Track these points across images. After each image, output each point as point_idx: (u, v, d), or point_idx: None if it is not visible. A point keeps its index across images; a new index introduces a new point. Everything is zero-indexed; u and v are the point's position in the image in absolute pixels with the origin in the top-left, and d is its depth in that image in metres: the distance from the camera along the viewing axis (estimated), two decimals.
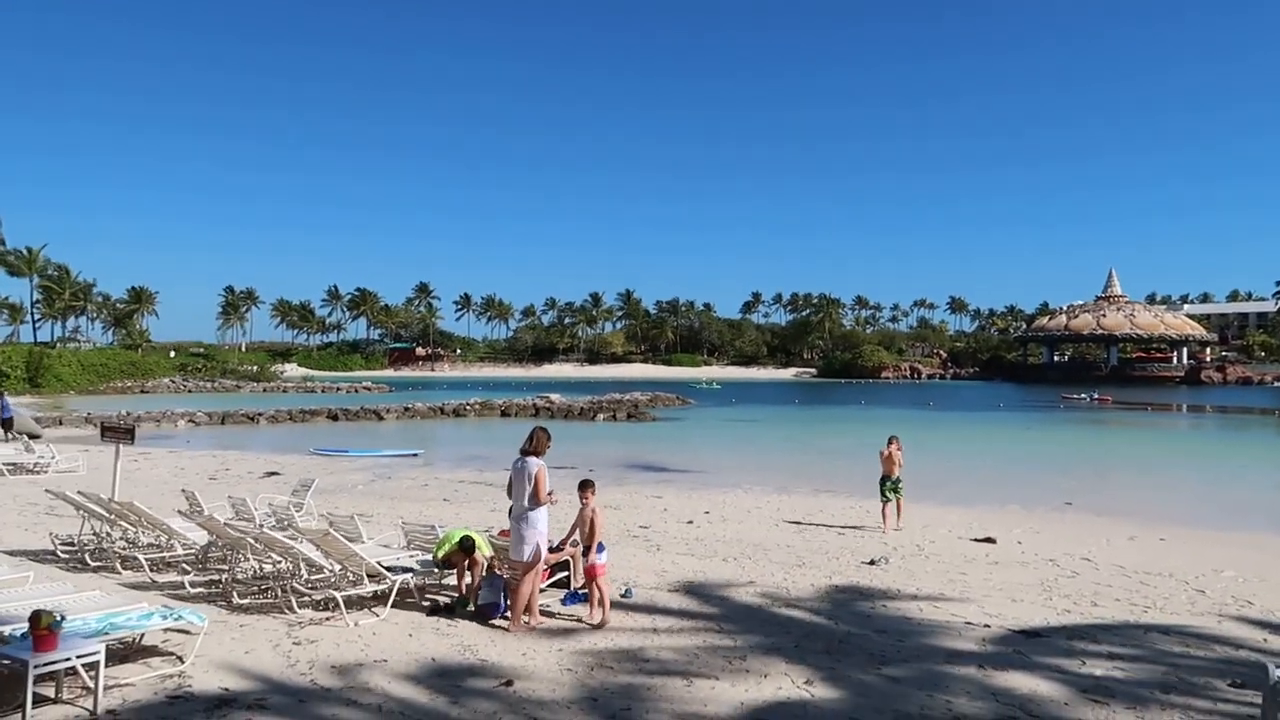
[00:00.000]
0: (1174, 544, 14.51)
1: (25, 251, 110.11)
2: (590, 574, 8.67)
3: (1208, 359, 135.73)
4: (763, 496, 19.63)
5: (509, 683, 6.88)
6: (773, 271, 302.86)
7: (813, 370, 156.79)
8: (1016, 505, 18.96)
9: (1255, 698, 6.50)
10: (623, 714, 6.30)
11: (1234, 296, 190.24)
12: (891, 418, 51.45)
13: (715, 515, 16.53)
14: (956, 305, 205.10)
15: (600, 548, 8.68)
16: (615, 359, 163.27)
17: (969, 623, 9.16)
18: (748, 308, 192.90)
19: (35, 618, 5.76)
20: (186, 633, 7.58)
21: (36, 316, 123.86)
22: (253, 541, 9.33)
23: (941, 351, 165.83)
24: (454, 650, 7.72)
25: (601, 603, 8.68)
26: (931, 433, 39.72)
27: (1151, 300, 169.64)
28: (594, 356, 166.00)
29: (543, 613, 8.87)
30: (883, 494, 15.59)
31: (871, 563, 12.23)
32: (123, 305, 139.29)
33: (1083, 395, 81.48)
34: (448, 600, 9.30)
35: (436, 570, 9.63)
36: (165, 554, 10.66)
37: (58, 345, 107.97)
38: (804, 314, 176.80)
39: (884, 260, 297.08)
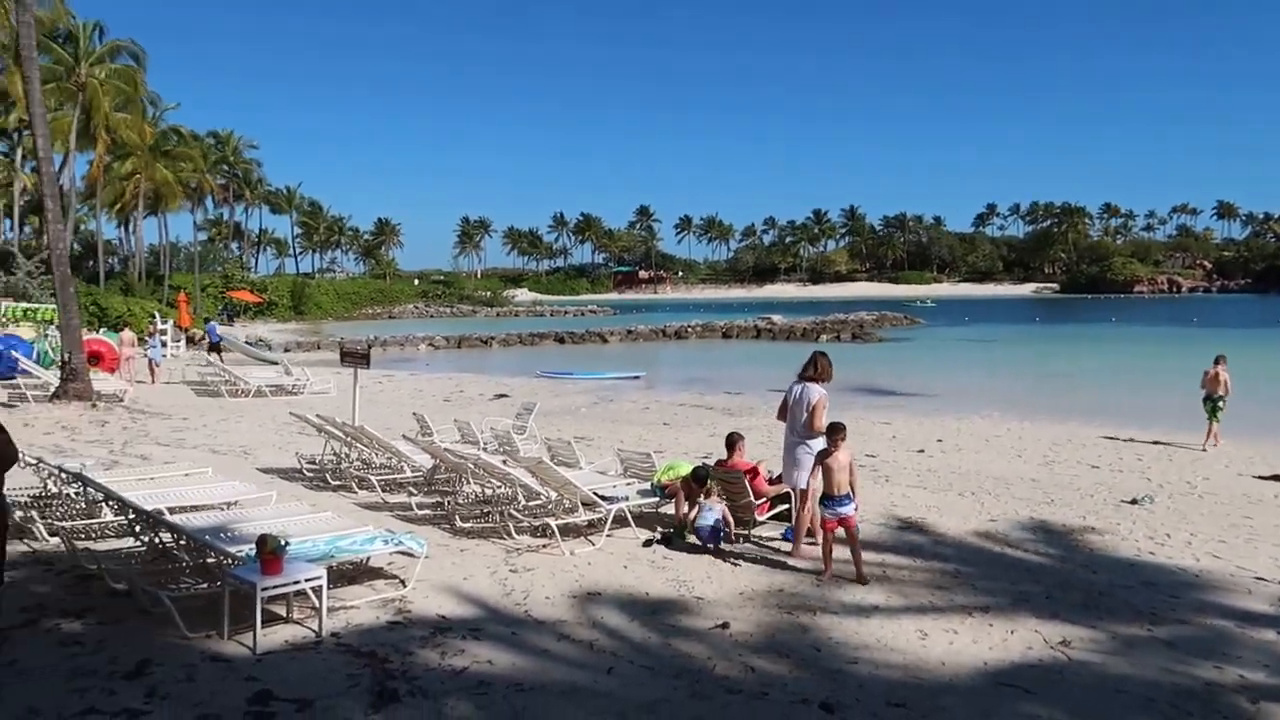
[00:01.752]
0: None
1: (285, 190, 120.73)
2: (849, 526, 7.59)
3: None
4: (1001, 424, 18.15)
5: (725, 625, 6.47)
6: (1008, 181, 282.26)
7: (1054, 286, 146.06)
8: None
9: None
10: (849, 668, 5.74)
11: None
12: (1149, 335, 46.78)
13: (949, 444, 15.40)
14: (1225, 210, 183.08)
15: (848, 499, 7.63)
16: (839, 278, 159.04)
17: (1260, 578, 7.84)
18: (981, 220, 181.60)
19: (261, 542, 5.90)
20: (411, 555, 7.70)
21: (298, 250, 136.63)
22: (472, 467, 9.42)
23: (1205, 262, 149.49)
24: (669, 585, 7.40)
25: (828, 555, 7.70)
26: (1195, 352, 35.62)
27: None
28: (816, 276, 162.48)
29: (762, 548, 8.40)
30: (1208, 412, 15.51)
31: (1133, 501, 10.86)
32: (371, 237, 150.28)
33: None
34: (664, 530, 9.03)
35: (655, 498, 9.39)
36: (396, 476, 11.08)
37: (317, 276, 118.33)
38: (1044, 225, 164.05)
39: (1139, 161, 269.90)
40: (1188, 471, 13.01)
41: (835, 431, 7.79)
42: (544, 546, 8.43)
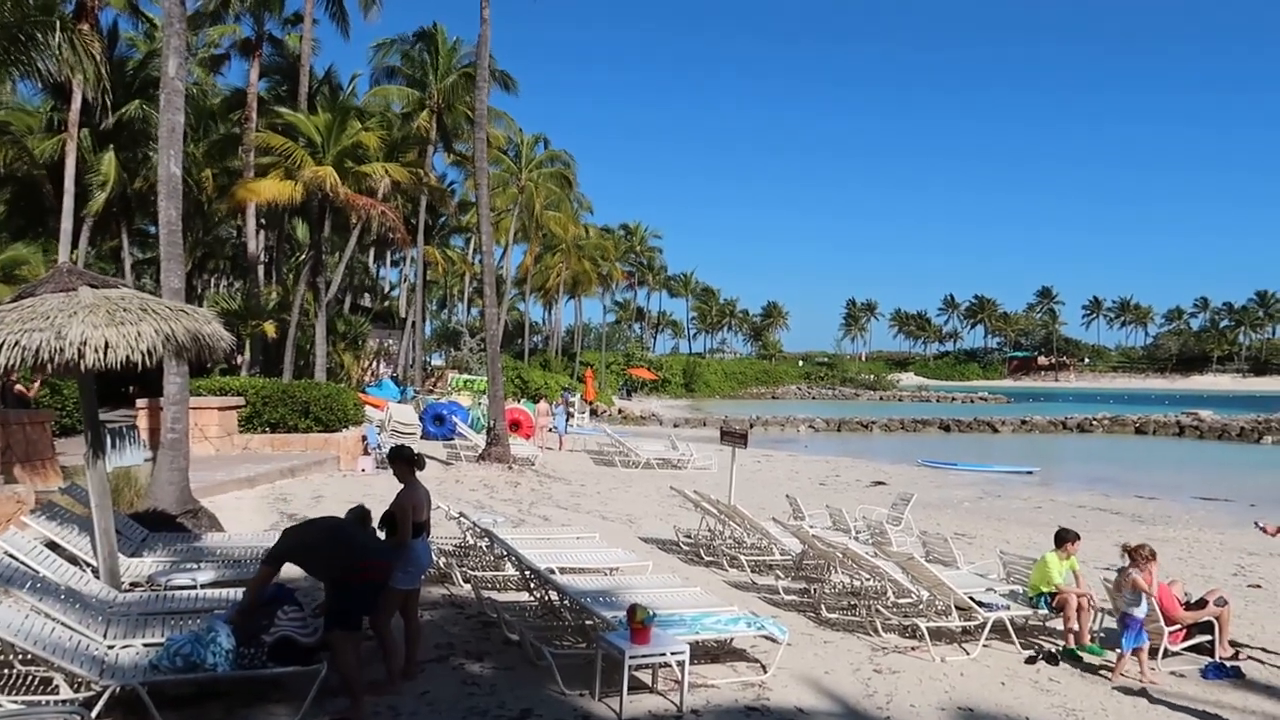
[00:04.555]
0: None
1: (682, 276, 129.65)
2: None
3: None
4: None
5: None
6: None
7: None
8: None
9: None
10: None
11: None
12: None
13: None
14: None
15: None
16: None
17: None
18: None
19: (631, 611, 6.20)
20: (773, 641, 7.66)
21: (692, 331, 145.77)
22: (840, 556, 9.21)
23: None
24: (1055, 713, 6.62)
25: None
26: None
27: None
28: (1261, 366, 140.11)
29: (1167, 684, 7.23)
30: None
31: None
32: (758, 320, 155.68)
33: None
34: (1052, 648, 8.14)
35: (1042, 609, 8.51)
36: (765, 557, 11.15)
37: (707, 355, 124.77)
38: None
39: None
40: None
41: None
42: (913, 649, 7.96)
